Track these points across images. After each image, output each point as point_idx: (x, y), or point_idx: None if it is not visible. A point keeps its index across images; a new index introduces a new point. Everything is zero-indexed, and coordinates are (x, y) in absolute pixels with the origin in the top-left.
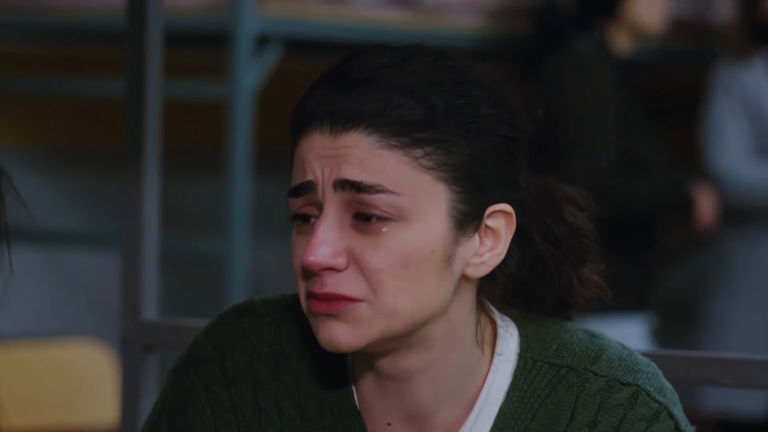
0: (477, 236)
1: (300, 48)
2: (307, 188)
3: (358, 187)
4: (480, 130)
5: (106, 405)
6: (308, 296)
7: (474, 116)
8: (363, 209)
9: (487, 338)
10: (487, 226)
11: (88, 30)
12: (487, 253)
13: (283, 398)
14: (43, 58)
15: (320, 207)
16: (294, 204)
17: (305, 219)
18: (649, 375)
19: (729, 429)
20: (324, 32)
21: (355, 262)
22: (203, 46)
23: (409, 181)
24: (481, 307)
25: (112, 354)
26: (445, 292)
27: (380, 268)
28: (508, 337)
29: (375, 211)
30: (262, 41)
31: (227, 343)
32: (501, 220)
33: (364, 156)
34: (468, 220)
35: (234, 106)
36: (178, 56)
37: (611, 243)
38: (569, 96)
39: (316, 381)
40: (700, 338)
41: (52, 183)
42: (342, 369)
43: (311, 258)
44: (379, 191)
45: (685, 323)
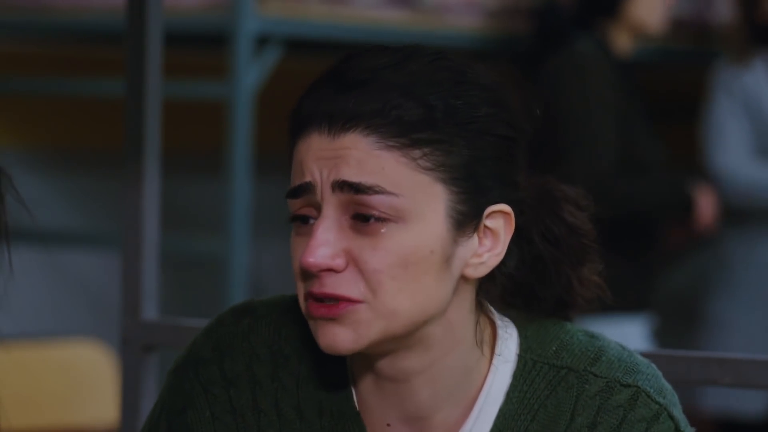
0: (476, 236)
1: (300, 48)
2: (305, 189)
3: (356, 188)
4: (479, 131)
5: (106, 405)
6: (307, 297)
7: (473, 116)
8: (361, 210)
9: (486, 339)
10: (485, 227)
11: (88, 30)
12: (486, 253)
13: (283, 399)
14: (43, 58)
15: (319, 208)
16: (292, 205)
17: (304, 220)
18: (649, 376)
19: (729, 429)
20: (324, 32)
21: (354, 263)
22: (203, 46)
23: (407, 182)
24: (480, 308)
25: (112, 354)
26: (444, 292)
27: (379, 268)
28: (507, 337)
29: (373, 212)
30: (262, 41)
31: (226, 344)
32: (500, 221)
33: (363, 157)
34: (467, 220)
35: (234, 106)
36: (178, 56)
37: (612, 243)
38: (569, 96)
39: (315, 382)
40: (700, 338)
41: (52, 183)
42: (341, 370)
43: (310, 259)
44: (378, 192)
45: (685, 323)
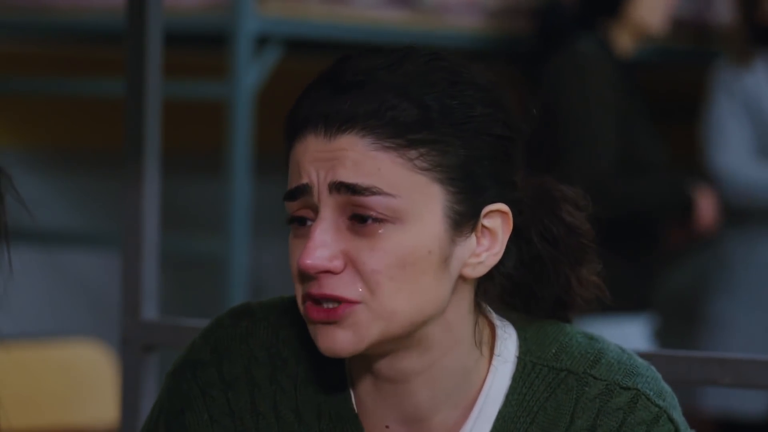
0: (474, 236)
1: (300, 48)
2: (302, 191)
3: (353, 190)
4: (475, 130)
5: (106, 405)
6: (305, 299)
7: (468, 116)
8: (359, 211)
9: (485, 339)
10: (483, 226)
11: (88, 30)
12: (484, 253)
13: (281, 402)
14: (43, 58)
15: (316, 210)
16: (290, 207)
17: (301, 222)
18: (649, 379)
19: (729, 429)
20: (324, 32)
21: (352, 264)
22: (203, 46)
23: (404, 183)
24: (478, 309)
25: (112, 354)
26: (442, 292)
27: (377, 269)
28: (506, 337)
29: (371, 213)
30: (262, 41)
31: (224, 346)
32: (497, 220)
33: (359, 158)
34: (464, 220)
35: (234, 106)
36: (178, 56)
37: (613, 243)
38: (569, 96)
39: (313, 384)
40: (700, 338)
41: (52, 183)
42: (340, 372)
43: (308, 261)
44: (375, 193)
45: (685, 323)
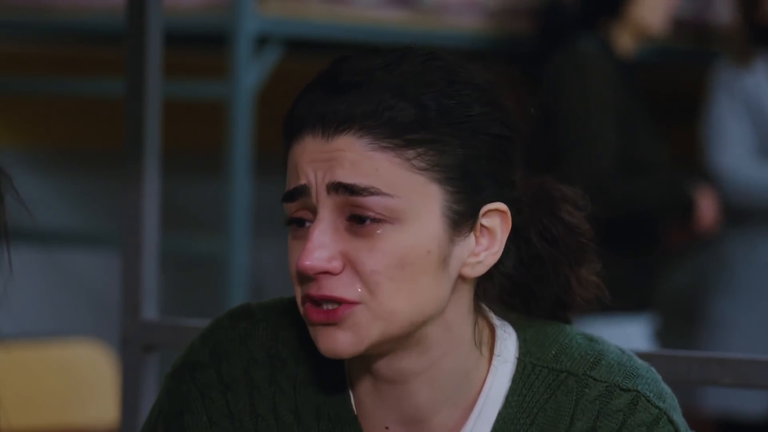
0: (472, 236)
1: (300, 48)
2: (300, 192)
3: (351, 190)
4: (472, 130)
5: (106, 405)
6: (305, 300)
7: (466, 116)
8: (357, 212)
9: (485, 340)
10: (482, 226)
11: (88, 30)
12: (483, 252)
13: (281, 403)
14: (43, 58)
15: (314, 211)
16: (288, 209)
17: (300, 223)
18: (649, 380)
19: (729, 429)
20: (324, 32)
21: (351, 265)
22: (203, 46)
23: (402, 183)
24: (478, 310)
25: (112, 354)
26: (442, 292)
27: (376, 270)
28: (506, 337)
29: (369, 213)
30: (262, 41)
31: (223, 348)
32: (496, 219)
33: (357, 158)
34: (463, 219)
35: (234, 106)
36: (178, 56)
37: (614, 243)
38: (570, 96)
39: (313, 385)
40: (700, 338)
41: (52, 183)
42: (339, 373)
43: (306, 262)
44: (373, 193)
45: (685, 323)
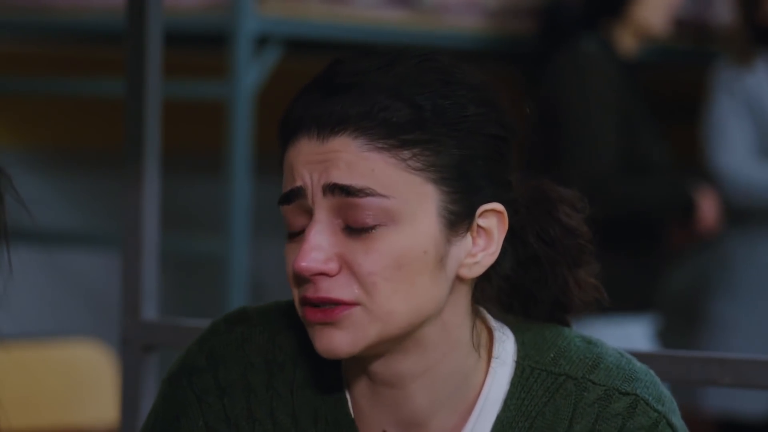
0: (469, 236)
1: (300, 48)
2: (296, 194)
3: (347, 191)
4: (468, 130)
5: (106, 405)
6: (302, 302)
7: (461, 116)
8: (353, 213)
9: (483, 342)
10: (479, 226)
11: (88, 30)
12: (480, 253)
13: (278, 408)
14: (43, 58)
15: (310, 213)
16: (285, 212)
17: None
18: (648, 384)
19: (730, 429)
20: (324, 32)
21: (348, 266)
22: (203, 46)
23: (398, 183)
24: (476, 312)
25: (112, 354)
26: (439, 292)
27: (373, 270)
28: (504, 339)
29: (365, 214)
30: (262, 41)
31: (220, 353)
32: (493, 220)
33: (352, 159)
34: (459, 220)
35: (234, 106)
36: (178, 56)
37: (616, 244)
38: (570, 96)
39: (310, 389)
40: (701, 338)
41: (52, 183)
42: (336, 376)
43: (302, 264)
44: (369, 194)
45: (686, 323)
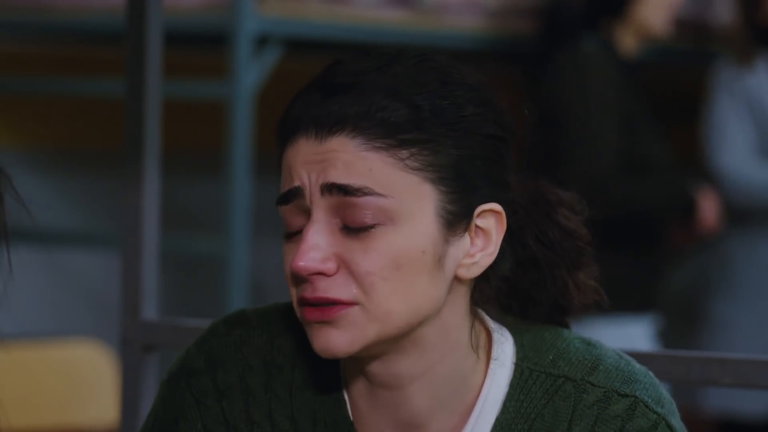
0: (467, 236)
1: (300, 48)
2: (295, 194)
3: (345, 191)
4: (466, 130)
5: (106, 405)
6: (300, 302)
7: (459, 116)
8: (351, 212)
9: (482, 343)
10: (477, 226)
11: (88, 30)
12: (478, 253)
13: (276, 410)
14: (43, 58)
15: (308, 213)
16: (283, 212)
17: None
18: (647, 385)
19: (730, 429)
20: (324, 32)
21: (346, 266)
22: (203, 46)
23: (395, 183)
24: (474, 313)
25: (112, 354)
26: (437, 292)
27: (371, 270)
28: (503, 341)
29: (363, 214)
30: (262, 41)
31: (219, 355)
32: (491, 220)
33: (350, 159)
34: (457, 220)
35: (234, 106)
36: (178, 56)
37: (616, 244)
38: (570, 95)
39: (308, 391)
40: (701, 338)
41: (52, 183)
42: (335, 378)
43: (300, 263)
44: (366, 194)
45: (686, 323)
